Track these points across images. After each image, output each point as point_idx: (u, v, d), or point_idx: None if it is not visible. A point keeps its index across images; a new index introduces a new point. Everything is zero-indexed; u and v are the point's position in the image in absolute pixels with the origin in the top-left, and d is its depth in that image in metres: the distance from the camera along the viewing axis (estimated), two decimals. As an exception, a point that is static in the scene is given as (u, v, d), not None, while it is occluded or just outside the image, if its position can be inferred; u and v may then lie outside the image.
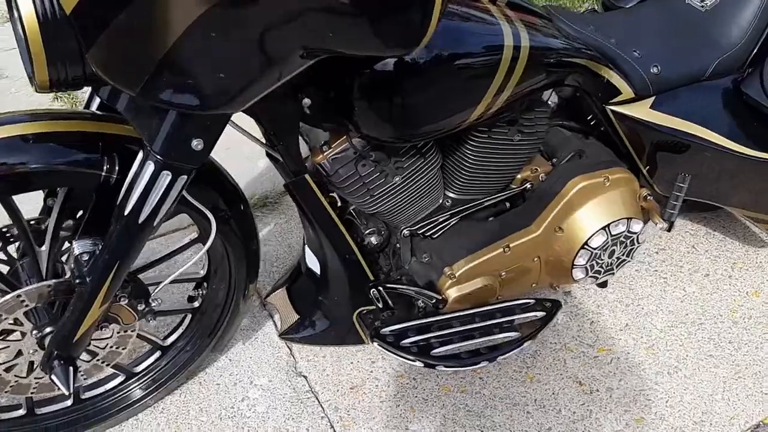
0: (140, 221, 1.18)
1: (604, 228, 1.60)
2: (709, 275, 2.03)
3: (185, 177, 1.17)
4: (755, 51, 1.60)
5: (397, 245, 1.63)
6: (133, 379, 1.66)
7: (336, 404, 1.72)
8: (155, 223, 1.21)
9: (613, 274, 1.73)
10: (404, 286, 1.55)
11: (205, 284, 1.61)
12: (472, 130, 1.49)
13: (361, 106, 1.25)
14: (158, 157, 1.12)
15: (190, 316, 1.66)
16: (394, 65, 1.20)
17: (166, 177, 1.15)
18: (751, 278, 2.02)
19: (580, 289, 1.99)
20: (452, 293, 1.60)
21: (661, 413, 1.70)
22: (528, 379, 1.78)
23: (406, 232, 1.59)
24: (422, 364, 1.45)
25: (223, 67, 0.97)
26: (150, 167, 1.14)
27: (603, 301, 1.96)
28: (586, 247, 1.61)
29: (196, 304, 1.64)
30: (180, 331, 1.67)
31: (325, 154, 1.43)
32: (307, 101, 1.28)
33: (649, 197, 1.70)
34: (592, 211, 1.60)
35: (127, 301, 1.34)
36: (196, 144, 1.12)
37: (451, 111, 1.30)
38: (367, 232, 1.61)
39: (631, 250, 1.69)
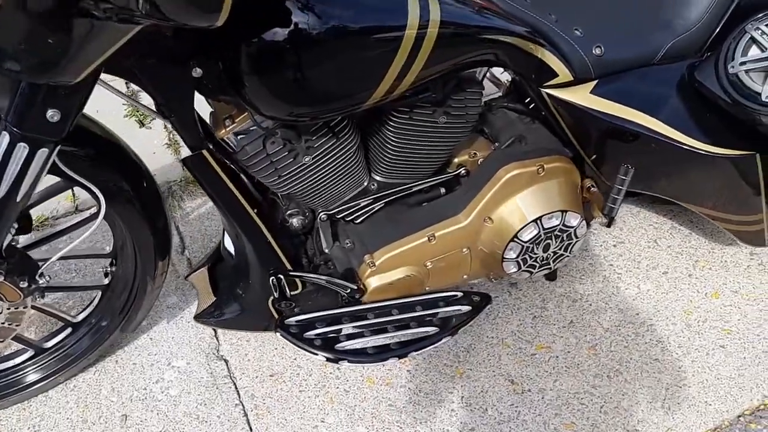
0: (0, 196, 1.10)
1: (535, 220, 1.48)
2: (667, 273, 1.91)
3: (46, 150, 1.08)
4: (715, 34, 1.45)
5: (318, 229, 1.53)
6: (42, 355, 1.61)
7: (253, 391, 1.65)
8: (19, 199, 1.13)
9: (551, 269, 1.62)
10: (311, 275, 1.45)
11: (114, 261, 1.54)
12: (392, 110, 1.38)
13: (250, 79, 1.14)
14: (12, 128, 1.04)
15: (100, 293, 1.59)
16: (284, 35, 1.09)
17: (23, 150, 1.07)
18: (712, 278, 1.89)
19: (526, 281, 1.88)
20: (372, 282, 1.50)
21: (594, 419, 1.60)
22: (458, 374, 1.69)
23: (323, 215, 1.49)
24: (325, 359, 1.36)
25: (46, 34, 0.87)
26: (5, 139, 1.06)
27: (549, 295, 1.85)
28: (516, 240, 1.50)
29: (106, 281, 1.57)
30: (91, 308, 1.60)
31: (229, 128, 1.34)
32: (198, 71, 1.18)
33: (592, 188, 1.58)
34: (524, 202, 1.48)
35: (4, 278, 1.27)
36: (51, 115, 1.03)
37: (348, 89, 1.19)
38: (289, 213, 1.51)
39: (569, 244, 1.57)
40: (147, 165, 1.43)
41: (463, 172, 1.56)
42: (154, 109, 1.27)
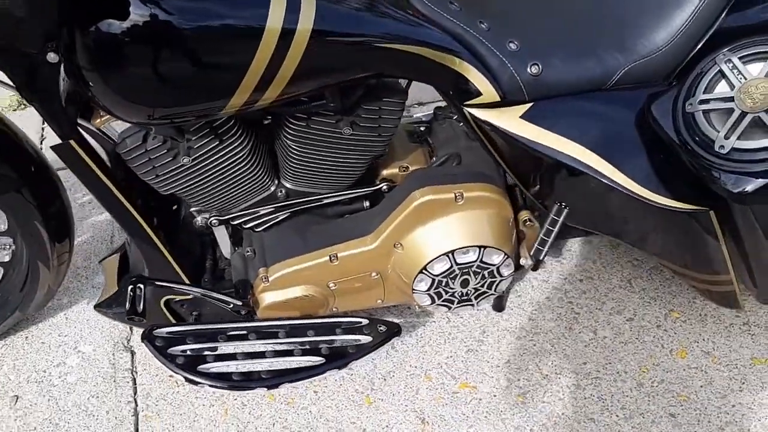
0: None
1: (447, 254, 1.31)
2: (633, 320, 1.68)
3: None
4: (687, 61, 1.21)
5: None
6: (-55, 328, 1.59)
7: (149, 390, 1.57)
8: None
9: (473, 305, 1.44)
10: (182, 286, 1.34)
11: (12, 240, 1.49)
12: (289, 116, 1.23)
13: (90, 75, 1.02)
14: None
15: (2, 270, 1.54)
16: (123, 27, 0.97)
17: None
18: (684, 333, 1.65)
19: (469, 309, 1.70)
20: (265, 298, 1.38)
21: (501, 478, 1.43)
22: (367, 403, 1.54)
23: (214, 220, 1.37)
24: (184, 379, 1.25)
25: None
26: None
27: (492, 328, 1.67)
28: (425, 272, 1.33)
29: (7, 258, 1.52)
30: (-4, 283, 1.56)
31: (104, 117, 1.23)
32: (53, 56, 1.06)
33: (529, 222, 1.38)
34: (437, 232, 1.31)
35: None
36: None
37: (200, 94, 1.05)
38: (192, 209, 1.41)
39: (492, 282, 1.39)
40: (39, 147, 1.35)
41: (385, 187, 1.40)
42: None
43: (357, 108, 1.24)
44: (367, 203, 1.42)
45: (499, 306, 1.70)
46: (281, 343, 1.33)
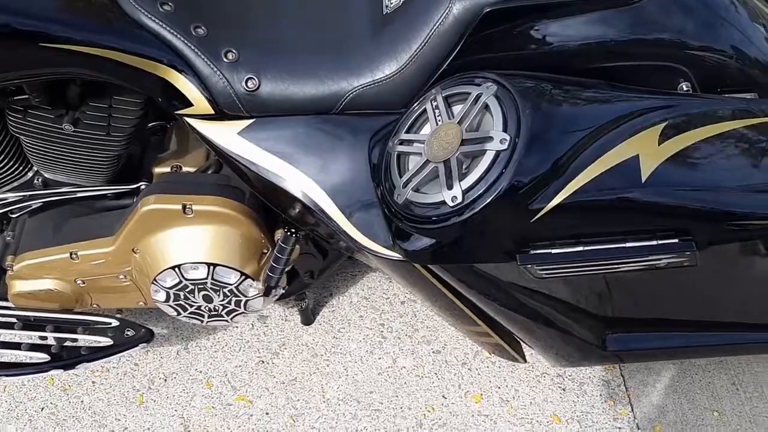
0: None
1: (174, 267, 1.24)
2: (440, 353, 1.56)
3: None
4: (423, 89, 1.07)
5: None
6: None
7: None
8: None
9: (227, 321, 1.37)
10: None
11: None
12: (6, 108, 1.18)
13: None
14: None
15: None
16: None
17: None
18: (488, 376, 1.52)
19: (280, 317, 1.63)
20: (12, 287, 1.36)
21: (238, 501, 1.38)
22: (139, 402, 1.52)
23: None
24: None
25: None
26: None
27: (292, 341, 1.59)
28: (156, 283, 1.27)
29: None
30: None
31: None
32: None
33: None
34: (164, 244, 1.25)
35: None
36: None
37: None
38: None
39: (240, 301, 1.31)
40: None
41: (143, 186, 1.33)
42: None
43: (83, 105, 1.18)
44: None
45: (306, 319, 1.62)
46: (11, 335, 1.30)
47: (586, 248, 0.94)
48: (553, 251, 0.94)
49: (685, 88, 1.09)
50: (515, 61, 1.06)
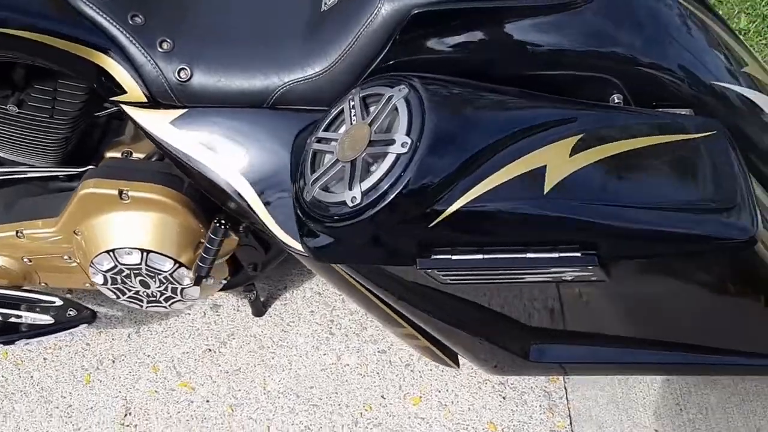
0: None
1: (109, 251, 1.26)
2: (385, 353, 1.56)
3: None
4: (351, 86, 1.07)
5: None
6: None
7: None
8: None
9: (165, 308, 1.38)
10: None
11: None
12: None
13: None
14: None
15: None
16: None
17: None
18: (431, 379, 1.51)
19: (232, 307, 1.64)
20: (-37, 260, 1.39)
21: (168, 485, 1.40)
22: (86, 381, 1.55)
23: None
24: None
25: None
26: None
27: (241, 331, 1.61)
28: (93, 265, 1.29)
29: None
30: None
31: None
32: None
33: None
34: (102, 227, 1.27)
35: None
36: None
37: None
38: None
39: (177, 289, 1.32)
40: None
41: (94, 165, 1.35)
42: None
43: (28, 87, 1.20)
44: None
45: (257, 311, 1.63)
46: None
47: (486, 257, 0.93)
48: (453, 257, 0.93)
49: (617, 101, 1.07)
50: (443, 64, 1.05)
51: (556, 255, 0.93)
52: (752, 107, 1.13)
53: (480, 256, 0.93)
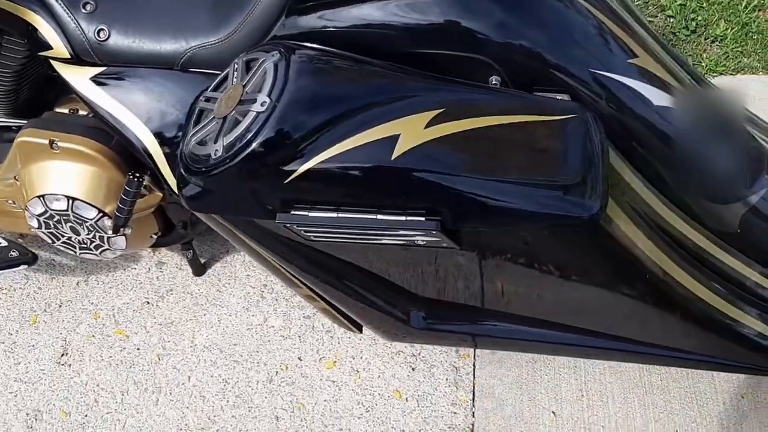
0: None
1: (39, 197, 1.37)
2: (309, 318, 1.63)
3: None
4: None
5: None
6: None
7: None
8: None
9: (96, 255, 1.48)
10: None
11: None
12: None
13: None
14: None
15: None
16: None
17: None
18: (349, 345, 1.58)
19: (176, 265, 1.74)
20: None
21: (96, 417, 1.50)
22: (32, 321, 1.66)
23: None
24: None
25: None
26: None
27: (179, 289, 1.70)
28: (28, 209, 1.40)
29: None
30: None
31: None
32: None
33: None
34: (34, 174, 1.37)
35: None
36: None
37: None
38: None
39: (104, 237, 1.42)
40: None
41: (40, 122, 1.46)
42: None
43: (-29, 42, 1.31)
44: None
45: (197, 270, 1.72)
46: None
47: (340, 215, 1.00)
48: (310, 214, 1.00)
49: (494, 82, 1.12)
50: (333, 37, 1.12)
51: (403, 218, 0.99)
52: (637, 98, 1.16)
53: (334, 215, 1.00)
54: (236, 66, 1.06)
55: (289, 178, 0.97)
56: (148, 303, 1.69)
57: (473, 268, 1.14)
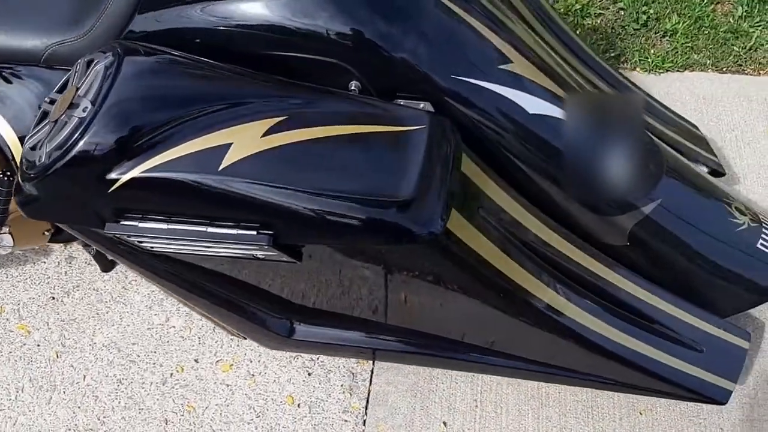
0: None
1: None
2: (213, 319, 1.61)
3: None
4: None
5: None
6: None
7: None
8: None
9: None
10: None
11: None
12: None
13: None
14: None
15: None
16: None
17: None
18: (248, 349, 1.56)
19: (85, 261, 1.72)
20: None
21: (-21, 418, 1.49)
22: (-65, 315, 1.65)
23: None
24: None
25: None
26: None
27: (85, 285, 1.68)
28: None
29: None
30: None
31: None
32: None
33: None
34: None
35: None
36: None
37: None
38: None
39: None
40: None
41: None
42: None
43: None
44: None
45: (105, 267, 1.69)
46: None
47: (170, 227, 0.96)
48: (140, 225, 0.97)
49: (353, 88, 1.08)
50: (184, 35, 1.08)
51: (234, 231, 0.95)
52: (507, 105, 1.11)
53: (165, 226, 0.97)
54: (77, 67, 1.03)
55: (112, 188, 0.93)
56: (54, 298, 1.66)
57: (333, 279, 1.10)
